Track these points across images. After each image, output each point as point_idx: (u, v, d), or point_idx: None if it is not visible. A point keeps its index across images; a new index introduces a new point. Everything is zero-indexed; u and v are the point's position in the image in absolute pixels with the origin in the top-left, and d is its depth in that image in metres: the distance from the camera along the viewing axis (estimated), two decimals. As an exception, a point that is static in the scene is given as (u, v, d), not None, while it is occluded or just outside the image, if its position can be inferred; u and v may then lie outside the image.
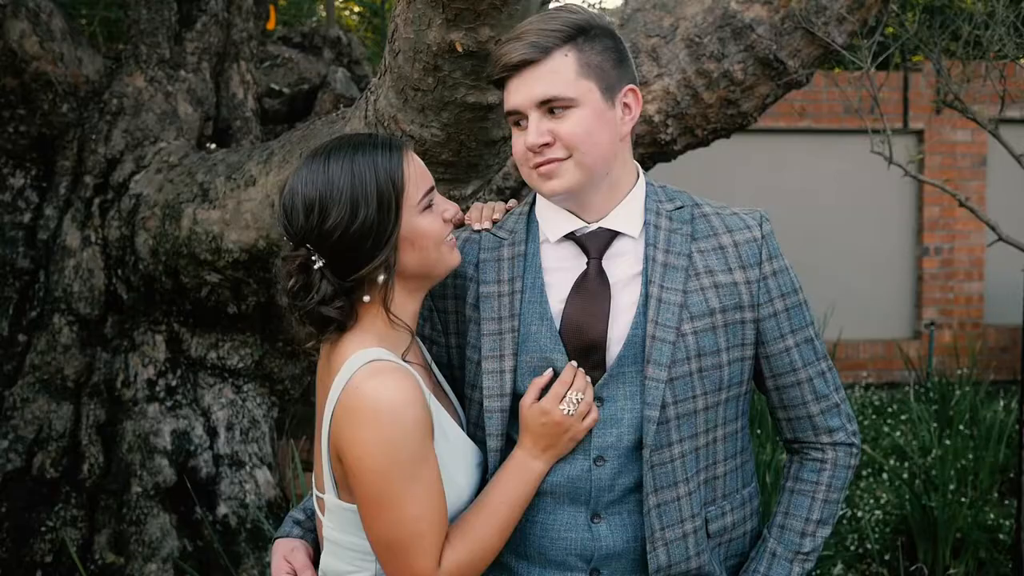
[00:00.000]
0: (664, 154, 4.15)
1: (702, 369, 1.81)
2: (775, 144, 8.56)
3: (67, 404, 4.14)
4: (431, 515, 1.70)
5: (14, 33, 3.85)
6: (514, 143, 1.83)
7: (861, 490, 5.26)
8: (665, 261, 1.83)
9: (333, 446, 1.73)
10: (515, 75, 1.77)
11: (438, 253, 1.82)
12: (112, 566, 3.97)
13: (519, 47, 1.75)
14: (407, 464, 1.67)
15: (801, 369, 1.90)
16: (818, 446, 1.94)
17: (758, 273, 1.86)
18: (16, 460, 4.06)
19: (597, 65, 1.78)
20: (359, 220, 1.73)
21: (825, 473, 1.92)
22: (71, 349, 4.14)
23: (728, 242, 1.88)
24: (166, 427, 4.10)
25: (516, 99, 1.78)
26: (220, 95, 4.55)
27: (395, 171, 1.76)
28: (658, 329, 1.79)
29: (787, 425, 1.96)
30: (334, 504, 1.79)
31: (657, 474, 1.80)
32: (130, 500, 4.02)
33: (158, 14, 4.30)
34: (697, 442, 1.83)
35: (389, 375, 1.70)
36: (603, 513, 1.83)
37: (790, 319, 1.89)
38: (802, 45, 3.87)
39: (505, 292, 1.87)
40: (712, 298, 1.83)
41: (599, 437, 1.82)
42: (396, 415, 1.67)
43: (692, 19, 3.89)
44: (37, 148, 4.26)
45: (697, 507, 1.84)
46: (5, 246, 4.27)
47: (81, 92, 4.22)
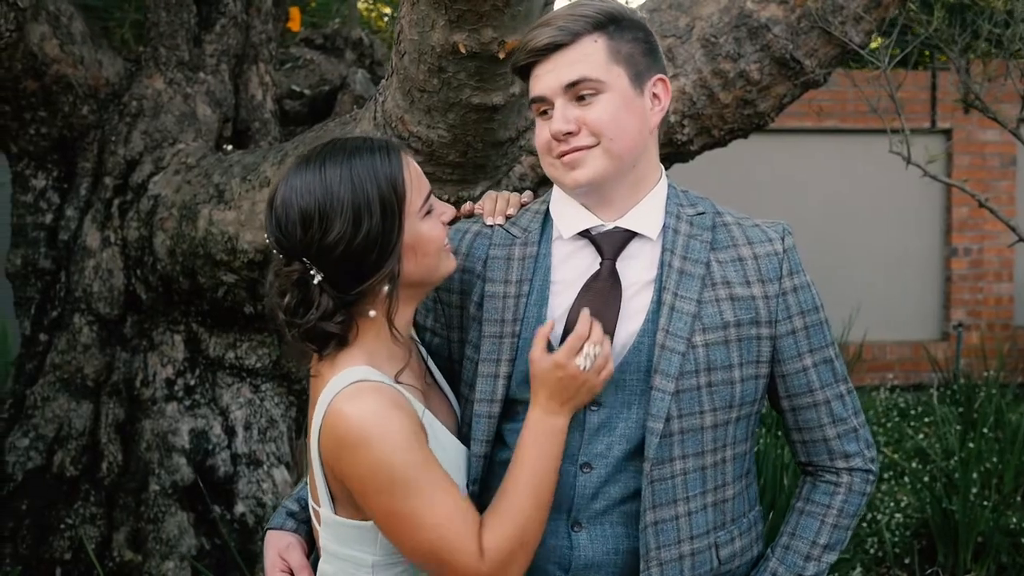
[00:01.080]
0: (681, 155, 4.13)
1: (711, 384, 1.75)
2: (801, 144, 8.51)
3: (87, 403, 4.18)
4: (450, 513, 1.63)
5: (35, 36, 3.89)
6: (538, 133, 1.78)
7: (882, 493, 5.22)
8: (682, 268, 1.77)
9: (329, 468, 1.69)
10: (542, 60, 1.72)
11: (438, 259, 1.76)
12: (130, 564, 4.01)
13: (547, 31, 1.71)
14: (409, 477, 1.62)
15: (819, 391, 1.83)
16: (833, 470, 1.87)
17: (777, 288, 1.80)
18: (37, 458, 4.11)
19: (627, 53, 1.74)
20: (363, 231, 1.64)
21: (838, 497, 1.85)
22: (91, 348, 4.19)
23: (748, 254, 1.81)
24: (184, 426, 4.14)
25: (542, 84, 1.73)
26: (239, 97, 4.57)
27: (396, 176, 1.69)
28: (668, 338, 1.73)
29: (802, 448, 1.89)
30: (330, 519, 1.75)
31: (656, 490, 1.73)
32: (148, 498, 4.06)
33: (177, 17, 4.34)
34: (703, 460, 1.76)
35: (369, 395, 1.64)
36: (584, 522, 1.77)
37: (809, 338, 1.82)
38: (819, 44, 3.84)
39: (511, 294, 1.81)
40: (727, 311, 1.76)
41: (588, 444, 1.76)
42: (384, 432, 1.61)
43: (708, 19, 3.88)
44: (58, 150, 4.30)
45: (699, 529, 1.77)
46: (27, 247, 4.32)
47: (101, 94, 4.26)
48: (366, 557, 1.74)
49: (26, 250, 4.31)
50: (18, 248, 4.33)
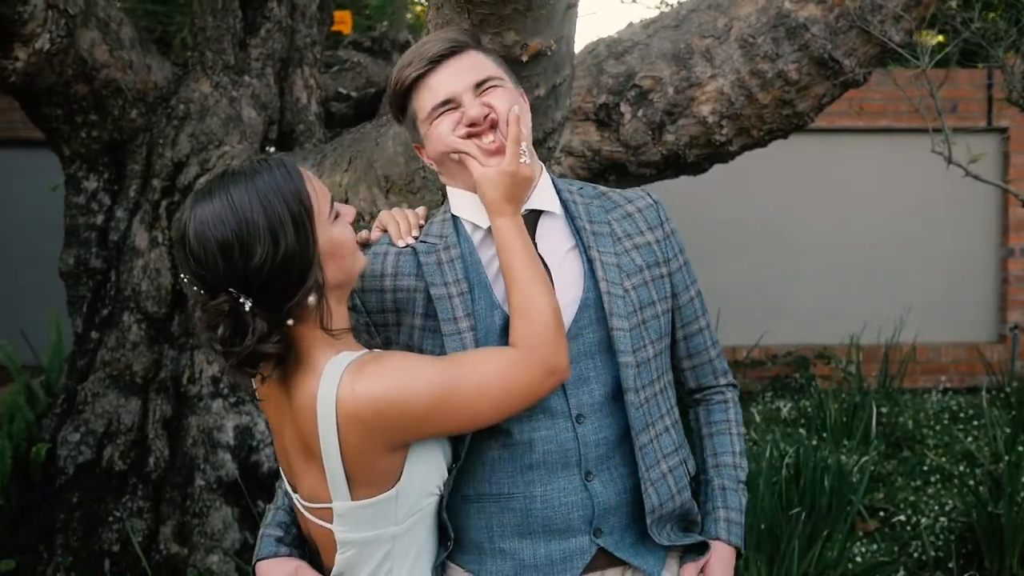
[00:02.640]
0: (720, 155, 4.13)
1: (645, 321, 1.96)
2: (853, 144, 8.41)
3: (135, 399, 4.29)
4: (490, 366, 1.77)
5: (85, 42, 4.00)
6: (439, 130, 1.89)
7: (928, 496, 5.15)
8: (593, 230, 1.97)
9: (355, 451, 1.74)
10: (435, 69, 1.88)
11: (354, 258, 1.83)
12: (176, 557, 4.10)
13: (437, 44, 1.89)
14: (446, 380, 1.73)
15: (701, 317, 2.10)
16: (718, 389, 2.15)
17: (662, 232, 2.05)
18: (87, 452, 4.23)
19: (499, 62, 1.96)
20: (282, 250, 1.68)
21: (731, 411, 2.15)
22: (139, 346, 4.29)
23: (633, 210, 2.05)
24: (229, 423, 4.23)
25: (447, 88, 1.88)
26: (284, 100, 4.66)
27: (300, 189, 1.73)
28: (610, 286, 1.93)
29: (692, 374, 2.14)
30: (346, 508, 1.78)
31: (634, 417, 1.91)
32: (193, 493, 4.15)
33: (223, 21, 4.43)
34: (655, 387, 1.98)
35: (367, 363, 1.73)
36: (594, 471, 1.91)
37: (688, 273, 2.08)
38: (858, 44, 3.82)
39: (455, 293, 1.92)
40: (636, 258, 1.99)
41: (575, 396, 1.91)
42: (402, 373, 1.73)
43: (746, 19, 3.88)
44: (109, 152, 4.42)
45: (668, 448, 1.99)
46: (79, 247, 4.44)
47: (150, 98, 4.37)
48: (386, 531, 1.80)
49: (78, 250, 4.44)
50: (71, 248, 4.45)
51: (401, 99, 1.95)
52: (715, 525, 2.07)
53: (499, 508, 1.91)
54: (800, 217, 8.25)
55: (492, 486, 1.92)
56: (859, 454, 5.41)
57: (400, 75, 1.92)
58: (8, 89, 4.00)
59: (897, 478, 5.50)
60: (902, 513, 4.94)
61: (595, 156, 4.08)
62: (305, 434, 1.76)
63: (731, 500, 2.08)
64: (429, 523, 1.89)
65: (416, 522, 1.85)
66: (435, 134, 1.90)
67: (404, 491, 1.80)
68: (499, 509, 1.91)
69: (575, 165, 4.12)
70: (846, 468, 4.87)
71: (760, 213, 8.22)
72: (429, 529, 1.89)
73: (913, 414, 6.56)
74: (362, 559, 1.84)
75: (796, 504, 4.29)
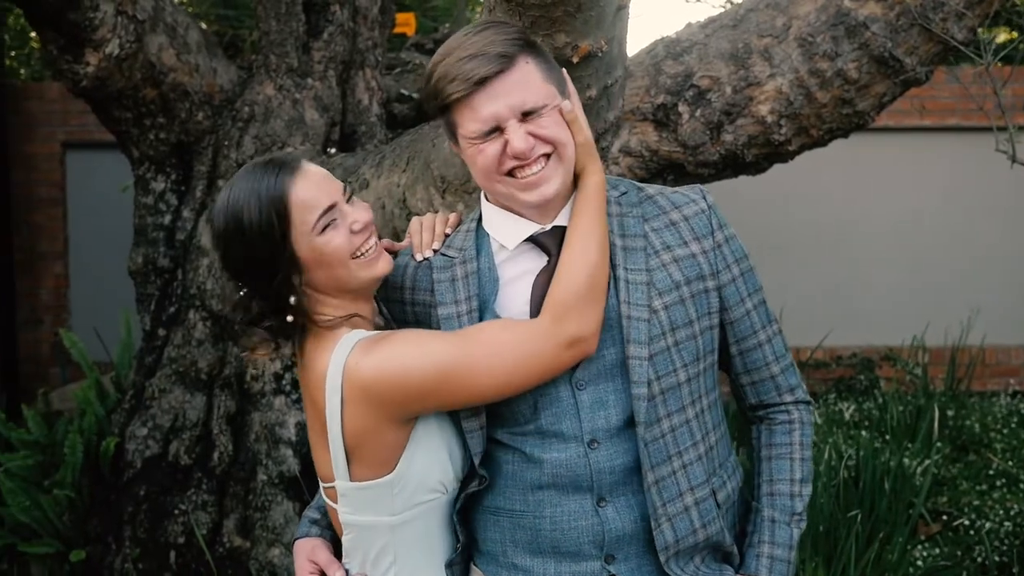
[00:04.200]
0: (779, 155, 4.11)
1: (678, 342, 1.86)
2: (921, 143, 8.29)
3: (200, 395, 4.39)
4: (502, 336, 1.77)
5: (153, 47, 4.10)
6: (479, 158, 1.81)
7: (993, 500, 5.07)
8: (623, 245, 1.88)
9: (356, 427, 1.79)
10: (484, 89, 1.76)
11: (346, 270, 1.83)
12: (238, 550, 4.18)
13: (481, 61, 1.76)
14: (456, 349, 1.76)
15: (760, 331, 1.97)
16: (783, 407, 2.01)
17: (711, 242, 1.92)
18: (154, 447, 4.34)
19: (549, 68, 1.85)
20: (249, 251, 1.78)
21: (796, 433, 2.00)
22: (204, 343, 4.39)
23: (678, 217, 1.93)
24: (291, 419, 4.30)
25: (490, 111, 1.77)
26: (346, 101, 4.72)
27: (277, 199, 1.78)
28: (632, 308, 1.84)
29: (751, 390, 2.02)
30: (346, 488, 1.85)
31: (651, 451, 1.83)
32: (256, 488, 4.24)
33: (287, 25, 4.51)
34: (686, 415, 1.87)
35: (378, 340, 1.79)
36: (607, 496, 1.85)
37: (746, 283, 1.95)
38: (919, 42, 3.78)
39: (464, 311, 1.89)
40: (675, 272, 1.88)
41: (589, 420, 1.85)
42: (411, 348, 1.77)
43: (805, 18, 3.85)
44: (176, 154, 4.53)
45: (697, 479, 1.88)
46: (148, 246, 4.56)
47: (216, 101, 4.47)
48: (383, 519, 1.84)
49: (147, 249, 4.55)
50: (139, 247, 4.57)
51: (439, 108, 1.85)
52: (756, 561, 1.94)
53: (512, 524, 1.90)
54: (867, 217, 8.15)
55: (506, 501, 1.90)
56: (922, 457, 5.33)
57: (441, 89, 1.79)
58: (80, 93, 4.12)
59: (961, 482, 5.41)
60: (965, 517, 4.87)
61: (653, 156, 4.08)
62: (318, 407, 1.83)
63: (779, 535, 1.95)
64: (434, 522, 1.90)
65: (416, 517, 1.87)
66: (479, 164, 1.83)
67: (401, 480, 1.83)
68: (512, 524, 1.90)
69: (633, 165, 4.13)
70: (908, 471, 4.81)
71: (826, 213, 8.13)
72: (435, 528, 1.90)
73: (980, 417, 6.45)
74: (361, 544, 1.90)
75: (855, 506, 4.26)
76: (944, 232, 8.12)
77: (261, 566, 4.10)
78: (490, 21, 1.86)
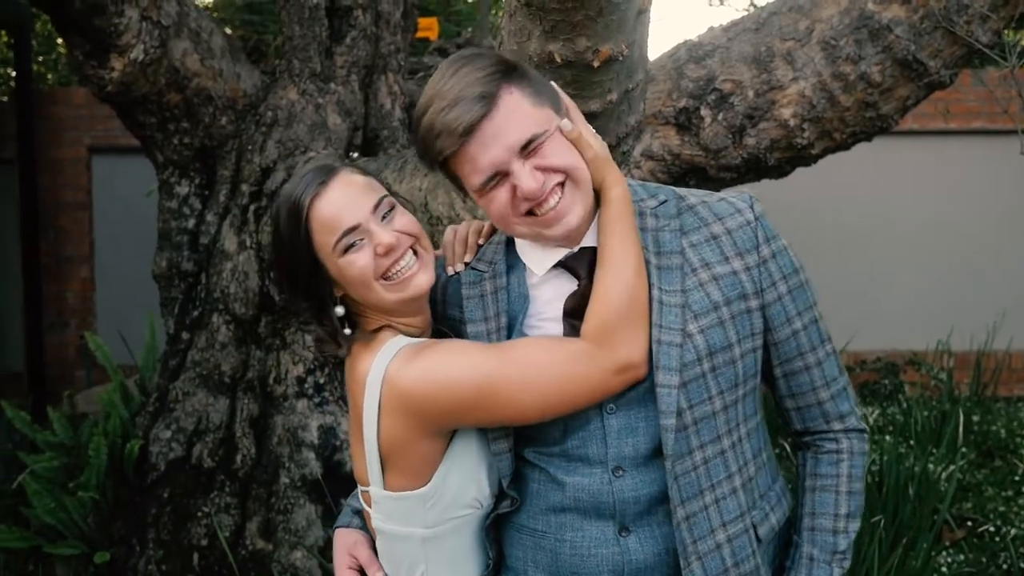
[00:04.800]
0: (802, 158, 4.09)
1: (715, 368, 1.73)
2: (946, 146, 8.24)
3: (224, 398, 4.41)
4: (546, 354, 1.70)
5: (177, 52, 4.13)
6: (493, 203, 1.71)
7: (1019, 506, 5.03)
8: (658, 263, 1.76)
9: (392, 436, 1.76)
10: (472, 138, 1.64)
11: (370, 291, 1.77)
12: (261, 552, 4.20)
13: (464, 107, 1.63)
14: (496, 365, 1.70)
15: (809, 353, 1.83)
16: (831, 436, 1.87)
17: (756, 258, 1.78)
18: (178, 449, 4.36)
19: (537, 89, 1.71)
20: (284, 257, 1.79)
21: (844, 464, 1.85)
22: (228, 347, 4.42)
23: (720, 230, 1.79)
24: (313, 422, 4.32)
25: (489, 159, 1.66)
26: (368, 106, 4.74)
27: (302, 213, 1.74)
28: (663, 333, 1.72)
29: (797, 415, 1.88)
30: (380, 495, 1.81)
31: (682, 485, 1.72)
32: (279, 490, 4.26)
33: (310, 30, 4.53)
34: (721, 445, 1.76)
35: (421, 349, 1.75)
36: (631, 526, 1.76)
37: (794, 301, 1.81)
38: (943, 45, 3.76)
39: (493, 329, 1.82)
40: (714, 292, 1.75)
41: (615, 447, 1.75)
42: (453, 361, 1.72)
43: (828, 21, 3.84)
44: (200, 159, 4.56)
45: (731, 514, 1.76)
46: (172, 250, 4.59)
47: (239, 105, 4.49)
48: (415, 531, 1.81)
49: (171, 253, 4.58)
50: (163, 251, 4.60)
51: (435, 165, 1.73)
52: None
53: (533, 543, 1.84)
54: (891, 220, 8.11)
55: (529, 519, 1.85)
56: (947, 462, 5.30)
57: (431, 146, 1.67)
58: (105, 98, 4.15)
59: (987, 487, 5.37)
60: (991, 523, 4.83)
61: (675, 160, 4.08)
62: (357, 409, 1.81)
63: (817, 574, 1.82)
64: (468, 537, 1.87)
65: (449, 532, 1.83)
66: (493, 212, 1.73)
67: (434, 495, 1.79)
68: (533, 544, 1.84)
69: (655, 169, 4.12)
70: (933, 476, 4.78)
71: (850, 217, 8.10)
72: (467, 543, 1.87)
73: (1006, 423, 6.40)
74: (393, 553, 1.87)
75: (879, 512, 4.23)
76: (969, 235, 8.07)
77: (283, 568, 4.12)
78: (463, 56, 1.71)
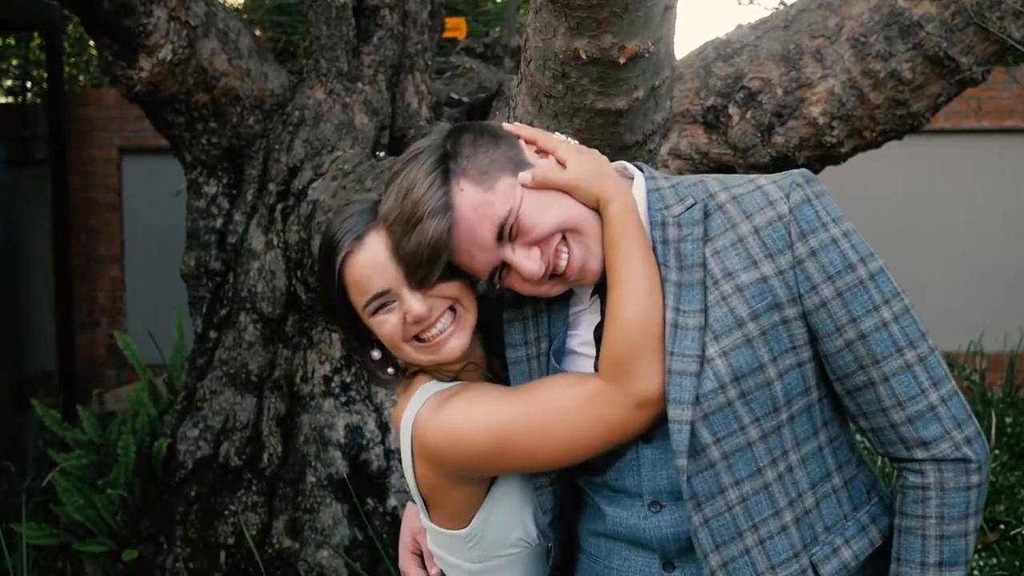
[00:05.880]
0: (831, 157, 4.06)
1: (745, 394, 1.52)
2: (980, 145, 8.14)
3: (251, 397, 4.42)
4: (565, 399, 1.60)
5: (205, 52, 4.14)
6: (517, 289, 1.63)
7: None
8: (679, 280, 1.57)
9: (427, 483, 1.74)
10: (448, 250, 1.55)
11: (402, 353, 1.73)
12: (287, 551, 4.21)
13: (424, 230, 1.51)
14: (516, 416, 1.63)
15: (871, 367, 1.52)
16: (915, 466, 1.55)
17: (790, 258, 1.52)
18: (205, 448, 4.38)
19: (488, 163, 1.55)
20: (328, 306, 1.78)
21: (931, 503, 1.53)
22: (255, 346, 4.43)
23: (747, 231, 1.56)
24: (340, 421, 4.32)
25: (478, 263, 1.57)
26: (395, 105, 4.74)
27: (337, 267, 1.71)
28: (675, 361, 1.52)
29: (873, 437, 1.59)
30: (428, 525, 1.81)
31: (713, 528, 1.55)
32: (305, 489, 4.26)
33: (337, 30, 4.54)
34: (764, 478, 1.55)
35: (447, 399, 1.69)
36: (676, 561, 1.63)
37: (847, 305, 1.52)
38: (975, 41, 3.71)
39: (532, 355, 1.71)
40: (738, 305, 1.53)
41: (649, 480, 1.62)
42: (473, 414, 1.67)
43: (857, 18, 3.80)
44: (228, 158, 4.57)
45: (780, 555, 1.56)
46: (200, 249, 4.60)
47: (267, 105, 4.50)
48: (464, 564, 1.80)
49: (199, 252, 4.60)
50: (192, 251, 4.62)
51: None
52: None
53: (588, 566, 1.77)
54: (922, 220, 8.03)
55: (584, 542, 1.78)
56: (979, 465, 5.22)
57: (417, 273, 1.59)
58: (133, 98, 4.17)
59: (1020, 490, 5.30)
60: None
61: (703, 159, 4.05)
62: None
63: None
64: (522, 569, 1.81)
65: (499, 568, 1.80)
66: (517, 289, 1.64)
67: (475, 537, 1.76)
68: (588, 567, 1.77)
69: (682, 168, 4.10)
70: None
71: (880, 216, 8.02)
72: (523, 573, 1.82)
73: (1041, 425, 6.31)
74: (445, 569, 1.86)
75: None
76: (1002, 235, 7.98)
77: (309, 567, 4.12)
78: (402, 160, 1.60)
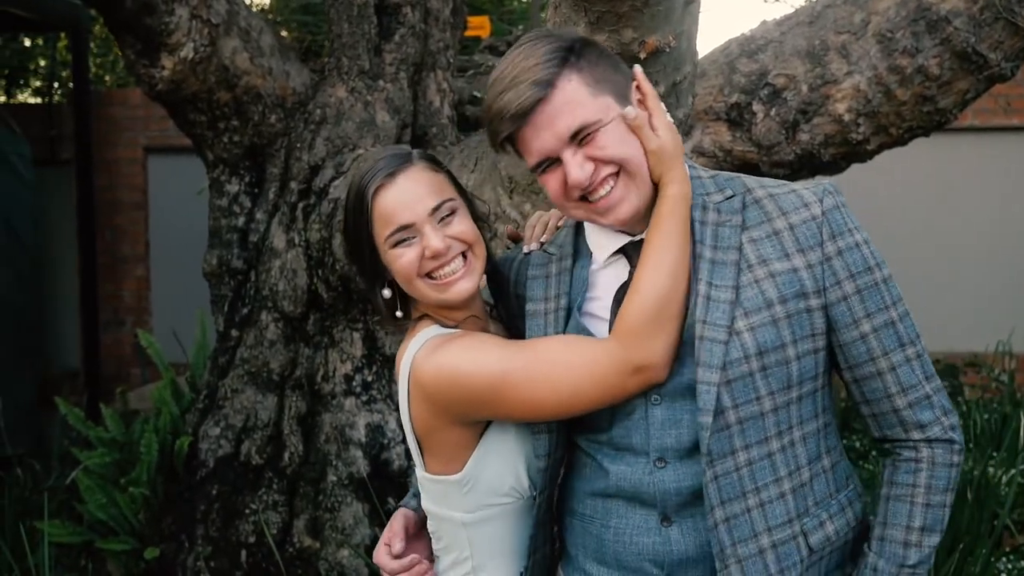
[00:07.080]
0: (857, 154, 4.01)
1: (765, 367, 1.68)
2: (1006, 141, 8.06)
3: (272, 396, 4.42)
4: (567, 353, 1.71)
5: (227, 50, 4.14)
6: (548, 186, 1.74)
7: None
8: (713, 258, 1.71)
9: (423, 424, 1.82)
10: (526, 123, 1.67)
11: (412, 286, 1.84)
12: (308, 550, 4.20)
13: (520, 91, 1.64)
14: (516, 363, 1.71)
15: (881, 358, 1.72)
16: (910, 444, 1.76)
17: (820, 255, 1.71)
18: (226, 446, 4.38)
19: (600, 77, 1.69)
20: (348, 231, 1.88)
21: (922, 474, 1.74)
22: (276, 344, 4.42)
23: (783, 226, 1.73)
24: (361, 420, 4.31)
25: (540, 144, 1.68)
26: (417, 103, 4.72)
27: (365, 200, 1.81)
28: (707, 328, 1.67)
29: (873, 422, 1.78)
30: (423, 476, 1.87)
31: (722, 485, 1.68)
32: (326, 488, 4.25)
33: (359, 28, 4.53)
34: (769, 447, 1.70)
35: (446, 341, 1.78)
36: (673, 516, 1.74)
37: (864, 302, 1.71)
38: (1004, 37, 3.65)
39: (551, 309, 1.83)
40: (769, 289, 1.69)
41: (657, 438, 1.73)
42: (471, 356, 1.74)
43: (884, 14, 3.76)
44: (249, 157, 4.57)
45: (777, 519, 1.71)
46: (222, 248, 4.60)
47: (288, 103, 4.50)
48: (455, 515, 1.85)
49: (221, 251, 4.60)
50: (214, 249, 4.62)
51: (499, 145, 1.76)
52: None
53: (582, 529, 1.85)
54: (950, 218, 7.95)
55: (578, 505, 1.86)
56: (1007, 466, 5.16)
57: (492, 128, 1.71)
58: (156, 97, 4.18)
59: (1050, 492, 5.23)
60: (1054, 530, 4.70)
61: (727, 156, 4.01)
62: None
63: None
64: (510, 526, 1.88)
65: (490, 519, 1.86)
66: (549, 192, 1.75)
67: (470, 482, 1.82)
68: (582, 530, 1.85)
69: (706, 165, 4.06)
70: (993, 480, 4.66)
71: (908, 214, 7.95)
72: (511, 531, 1.89)
73: (1070, 426, 6.23)
74: (439, 533, 1.92)
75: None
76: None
77: (330, 566, 4.11)
78: (530, 36, 1.72)
